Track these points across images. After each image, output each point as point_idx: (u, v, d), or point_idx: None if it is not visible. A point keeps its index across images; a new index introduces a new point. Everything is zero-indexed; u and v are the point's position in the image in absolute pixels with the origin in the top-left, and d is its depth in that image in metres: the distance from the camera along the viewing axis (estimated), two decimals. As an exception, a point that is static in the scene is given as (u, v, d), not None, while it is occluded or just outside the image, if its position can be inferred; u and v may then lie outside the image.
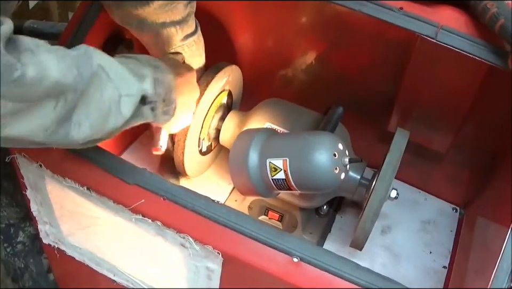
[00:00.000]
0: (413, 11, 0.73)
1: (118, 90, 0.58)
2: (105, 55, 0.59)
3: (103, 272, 0.88)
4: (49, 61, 0.49)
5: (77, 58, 0.54)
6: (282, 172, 0.75)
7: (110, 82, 0.57)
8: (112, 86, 0.57)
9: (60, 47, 0.53)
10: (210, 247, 0.69)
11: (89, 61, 0.55)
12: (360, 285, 0.66)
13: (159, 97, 0.66)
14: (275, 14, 0.99)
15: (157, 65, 0.67)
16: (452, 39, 0.72)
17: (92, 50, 0.57)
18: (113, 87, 0.57)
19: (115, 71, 0.58)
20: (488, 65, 0.71)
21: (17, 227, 1.13)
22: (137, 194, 0.71)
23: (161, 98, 0.66)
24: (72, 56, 0.53)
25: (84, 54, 0.55)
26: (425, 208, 1.06)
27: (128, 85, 0.60)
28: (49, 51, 0.50)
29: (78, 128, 0.55)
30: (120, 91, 0.58)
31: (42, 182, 0.79)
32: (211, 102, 0.89)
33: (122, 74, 0.59)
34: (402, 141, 0.81)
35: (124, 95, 0.59)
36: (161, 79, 0.66)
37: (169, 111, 0.69)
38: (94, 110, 0.56)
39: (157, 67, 0.66)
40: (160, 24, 0.76)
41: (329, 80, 1.03)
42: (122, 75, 0.59)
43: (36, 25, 1.19)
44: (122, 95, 0.59)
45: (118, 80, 0.58)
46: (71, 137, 0.55)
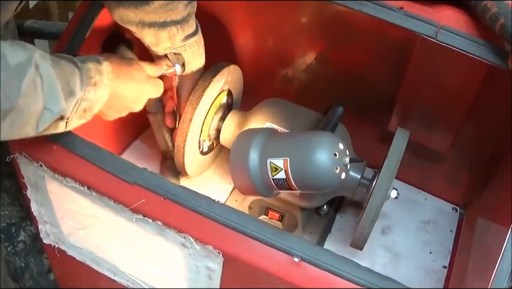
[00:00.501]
0: (413, 11, 0.73)
1: (43, 102, 0.59)
2: (49, 62, 0.59)
3: (103, 272, 0.88)
4: None
5: (10, 73, 0.54)
6: (282, 172, 0.75)
7: (41, 93, 0.58)
8: (41, 97, 0.58)
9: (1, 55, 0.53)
10: (211, 246, 0.69)
11: (23, 75, 0.55)
12: (361, 284, 0.66)
13: (78, 112, 0.66)
14: (275, 14, 0.99)
15: (97, 81, 0.66)
16: (452, 38, 0.72)
17: (37, 58, 0.57)
18: (41, 98, 0.58)
19: (50, 83, 0.59)
20: (488, 65, 0.71)
21: (18, 226, 1.13)
22: (138, 194, 0.71)
23: (80, 112, 0.66)
24: (6, 71, 0.53)
25: (22, 66, 0.55)
26: (425, 208, 1.06)
27: (55, 101, 0.60)
28: None
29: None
30: (45, 104, 0.59)
31: (43, 182, 0.79)
32: (209, 105, 0.89)
33: (55, 88, 0.60)
34: (402, 140, 0.81)
35: (47, 108, 0.59)
36: (89, 98, 0.66)
37: (86, 117, 0.68)
38: (17, 123, 0.57)
39: (95, 84, 0.66)
40: (161, 23, 0.76)
41: (329, 80, 1.03)
42: (55, 90, 0.60)
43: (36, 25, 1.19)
44: (46, 108, 0.59)
45: (48, 93, 0.59)
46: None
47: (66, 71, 0.62)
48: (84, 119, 0.68)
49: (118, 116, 0.76)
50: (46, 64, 0.59)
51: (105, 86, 0.68)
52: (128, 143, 1.08)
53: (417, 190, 1.09)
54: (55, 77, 0.60)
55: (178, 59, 0.82)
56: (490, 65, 0.71)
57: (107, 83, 0.68)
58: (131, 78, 0.73)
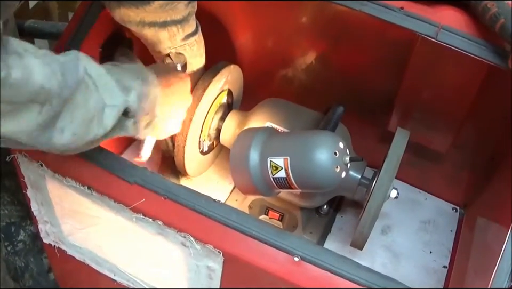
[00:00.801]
0: (413, 11, 0.73)
1: (102, 100, 0.58)
2: (94, 62, 0.59)
3: (103, 271, 0.88)
4: (35, 66, 0.50)
5: (64, 64, 0.54)
6: (283, 171, 0.75)
7: (96, 91, 0.58)
8: (97, 95, 0.58)
9: (48, 52, 0.53)
10: (211, 246, 0.69)
11: (76, 68, 0.55)
12: (361, 284, 0.66)
13: (143, 111, 0.66)
14: (275, 13, 0.99)
15: (145, 77, 0.67)
16: (452, 39, 0.72)
17: (81, 57, 0.57)
18: (98, 96, 0.58)
19: (101, 80, 0.59)
20: (488, 65, 0.71)
21: (18, 226, 1.13)
22: (138, 193, 0.71)
23: (145, 112, 0.67)
24: (59, 62, 0.54)
25: (72, 61, 0.56)
26: (425, 208, 1.06)
27: (113, 96, 0.60)
28: (35, 56, 0.51)
29: (61, 133, 0.55)
30: (104, 101, 0.59)
31: (43, 182, 0.79)
32: (209, 105, 0.89)
33: (108, 84, 0.60)
34: (402, 140, 0.81)
35: (108, 105, 0.59)
36: (146, 93, 0.66)
37: (151, 124, 0.69)
38: (78, 117, 0.56)
39: (145, 80, 0.66)
40: (161, 23, 0.76)
41: (329, 80, 1.03)
42: (108, 85, 0.60)
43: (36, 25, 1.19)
44: (106, 105, 0.59)
45: (103, 90, 0.58)
46: (52, 143, 0.55)
47: (113, 70, 0.62)
48: (150, 128, 0.69)
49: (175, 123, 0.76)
50: (93, 63, 0.59)
51: (154, 84, 0.68)
52: (129, 142, 1.08)
53: (417, 190, 1.09)
54: (105, 74, 0.59)
55: (180, 59, 0.82)
56: (491, 65, 0.71)
57: (155, 82, 0.68)
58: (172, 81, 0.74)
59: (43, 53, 0.52)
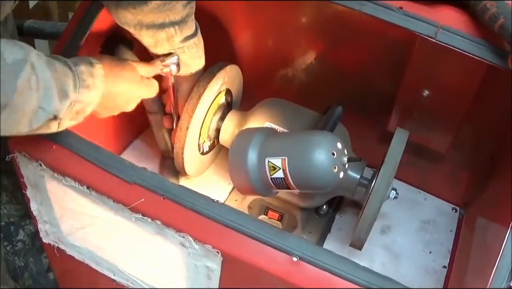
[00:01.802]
0: (412, 11, 0.73)
1: (38, 101, 0.59)
2: (44, 62, 0.60)
3: (103, 271, 0.88)
4: None
5: (9, 67, 0.54)
6: (281, 171, 0.75)
7: (36, 92, 0.58)
8: (36, 96, 0.58)
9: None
10: (209, 246, 0.69)
11: (19, 72, 0.56)
12: (360, 284, 0.66)
13: (70, 113, 0.66)
14: (275, 13, 0.99)
15: (89, 84, 0.67)
16: (452, 38, 0.72)
17: (33, 57, 0.57)
18: (36, 97, 0.59)
19: (46, 82, 0.59)
20: (487, 65, 0.71)
21: (18, 225, 1.13)
22: (137, 193, 0.71)
23: (73, 113, 0.67)
24: (5, 64, 0.54)
25: (19, 63, 0.56)
26: (425, 208, 1.06)
27: (49, 101, 0.61)
28: None
29: None
30: (39, 103, 0.59)
31: (42, 181, 0.79)
32: (206, 110, 0.89)
33: (50, 88, 0.60)
34: (402, 140, 0.81)
35: (41, 107, 0.60)
36: (82, 100, 0.66)
37: (78, 119, 0.69)
38: (11, 119, 0.57)
39: (88, 87, 0.66)
40: (159, 25, 0.76)
41: (329, 80, 1.03)
42: (50, 89, 0.60)
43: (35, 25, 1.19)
44: (40, 107, 0.60)
45: (43, 92, 0.59)
46: None
47: (60, 72, 0.63)
48: (75, 121, 0.69)
49: (109, 115, 0.76)
50: (42, 64, 0.59)
51: (98, 89, 0.69)
52: (128, 142, 1.08)
53: (417, 190, 1.09)
54: (50, 77, 0.60)
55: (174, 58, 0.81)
56: (490, 65, 0.71)
57: (100, 86, 0.69)
58: (123, 79, 0.74)
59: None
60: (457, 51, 0.71)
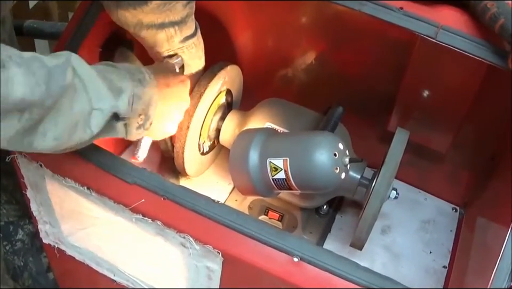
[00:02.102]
0: (413, 11, 0.73)
1: (90, 103, 0.58)
2: (86, 64, 0.58)
3: (103, 271, 0.88)
4: (17, 77, 0.49)
5: (51, 70, 0.53)
6: (282, 172, 0.75)
7: (85, 94, 0.57)
8: (85, 98, 0.57)
9: (36, 57, 0.52)
10: (210, 246, 0.69)
11: (64, 73, 0.54)
12: (360, 284, 0.66)
13: (135, 113, 0.65)
14: (275, 13, 0.99)
15: (141, 78, 0.66)
16: (452, 39, 0.72)
17: (72, 59, 0.56)
18: (86, 99, 0.57)
19: (92, 83, 0.58)
20: (488, 65, 0.71)
21: (17, 225, 1.13)
22: (137, 194, 0.71)
23: (137, 114, 0.66)
24: (47, 68, 0.53)
25: (60, 66, 0.54)
26: (425, 208, 1.06)
27: (102, 99, 0.59)
28: (19, 65, 0.49)
29: (43, 138, 0.55)
30: (92, 105, 0.58)
31: (43, 182, 0.79)
32: (206, 111, 0.89)
33: (98, 87, 0.59)
34: (402, 140, 0.81)
35: (95, 108, 0.58)
36: (140, 94, 0.65)
37: (144, 125, 0.68)
38: (61, 122, 0.55)
39: (140, 81, 0.65)
40: (159, 25, 0.76)
41: (329, 80, 1.03)
42: (99, 88, 0.59)
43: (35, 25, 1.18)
44: (94, 109, 0.58)
45: (92, 93, 0.58)
46: (34, 147, 0.55)
47: (105, 71, 0.61)
48: (143, 129, 0.67)
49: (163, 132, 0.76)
50: (84, 65, 0.58)
51: (151, 85, 0.67)
52: (128, 143, 1.08)
53: (417, 190, 1.09)
54: (96, 76, 0.59)
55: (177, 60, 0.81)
56: (490, 65, 0.71)
57: (152, 82, 0.67)
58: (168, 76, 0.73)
59: (29, 58, 0.51)
60: (457, 51, 0.71)
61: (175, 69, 0.80)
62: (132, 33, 0.79)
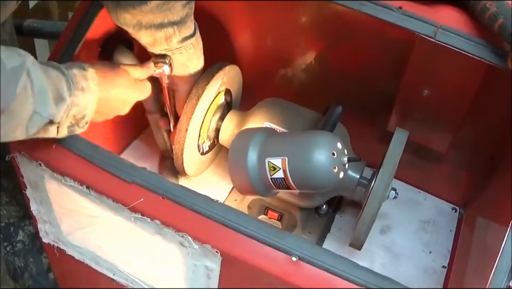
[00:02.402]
0: (412, 11, 0.73)
1: (33, 106, 0.59)
2: (39, 69, 0.60)
3: (102, 271, 0.88)
4: None
5: (8, 73, 0.55)
6: (281, 171, 0.75)
7: (32, 97, 0.59)
8: (31, 101, 0.59)
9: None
10: (209, 246, 0.69)
11: (18, 78, 0.56)
12: (359, 284, 0.66)
13: (68, 117, 0.66)
14: (275, 13, 0.99)
15: (84, 86, 0.67)
16: (451, 38, 0.72)
17: (29, 63, 0.58)
18: (32, 102, 0.59)
19: (40, 89, 0.60)
20: (487, 65, 0.71)
21: (17, 226, 1.13)
22: (137, 193, 0.71)
23: (71, 117, 0.67)
24: (5, 70, 0.55)
25: (17, 69, 0.56)
26: (425, 208, 1.06)
27: (45, 106, 0.61)
28: None
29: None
30: (35, 108, 0.60)
31: (42, 181, 0.79)
32: (205, 112, 0.89)
33: (44, 93, 0.61)
34: (401, 140, 0.81)
35: (37, 112, 0.60)
36: (78, 102, 0.67)
37: (79, 124, 0.69)
38: (8, 124, 0.58)
39: (83, 89, 0.67)
40: (158, 25, 0.76)
41: (328, 80, 1.03)
42: (44, 94, 0.61)
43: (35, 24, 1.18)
44: (36, 112, 0.60)
45: (38, 98, 0.60)
46: None
47: (54, 77, 0.63)
48: (78, 127, 0.69)
49: (104, 119, 0.77)
50: (37, 70, 0.60)
51: (93, 91, 0.69)
52: (128, 142, 1.08)
53: (416, 189, 1.09)
54: (44, 82, 0.61)
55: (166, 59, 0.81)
56: (490, 65, 0.71)
57: (94, 89, 0.69)
58: (116, 84, 0.74)
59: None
60: (457, 51, 0.71)
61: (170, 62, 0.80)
62: (131, 33, 0.79)
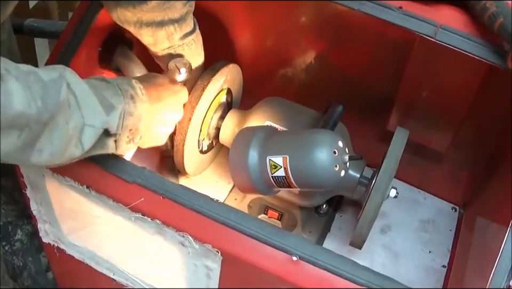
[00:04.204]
0: (412, 11, 0.73)
1: (83, 119, 0.58)
2: (79, 79, 0.59)
3: (102, 271, 0.88)
4: (15, 91, 0.49)
5: (47, 85, 0.54)
6: (282, 169, 0.75)
7: (78, 110, 0.57)
8: (79, 114, 0.58)
9: (32, 71, 0.53)
10: (209, 245, 0.69)
11: (59, 88, 0.55)
12: (360, 283, 0.66)
13: (125, 128, 0.66)
14: (275, 13, 0.99)
15: (133, 94, 0.66)
16: (451, 38, 0.72)
17: (66, 74, 0.57)
18: (79, 115, 0.58)
19: (85, 99, 0.58)
20: (487, 64, 0.71)
21: (15, 225, 1.13)
22: (137, 192, 0.71)
23: (128, 129, 0.66)
24: (42, 82, 0.53)
25: (55, 80, 0.55)
26: (425, 208, 1.06)
27: (95, 116, 0.60)
28: (17, 78, 0.50)
29: (39, 154, 0.55)
30: (84, 121, 0.58)
31: (42, 181, 0.79)
32: (209, 104, 0.89)
33: (91, 103, 0.59)
34: (401, 139, 0.81)
35: (87, 124, 0.59)
36: (131, 111, 0.66)
37: (134, 140, 0.69)
38: (56, 138, 0.56)
39: (132, 97, 0.66)
40: (158, 22, 0.76)
41: (329, 79, 1.03)
42: (92, 104, 0.59)
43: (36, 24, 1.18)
44: (86, 125, 0.59)
45: (85, 109, 0.58)
46: (30, 162, 0.56)
47: (98, 85, 0.62)
48: (133, 143, 0.68)
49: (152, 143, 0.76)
50: (78, 80, 0.58)
51: (142, 100, 0.68)
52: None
53: (416, 189, 1.09)
54: (89, 92, 0.59)
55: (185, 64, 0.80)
56: (490, 64, 0.71)
57: (143, 98, 0.68)
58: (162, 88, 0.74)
59: (25, 72, 0.52)
60: (457, 51, 0.71)
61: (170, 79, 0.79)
62: (132, 32, 0.79)
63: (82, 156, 0.62)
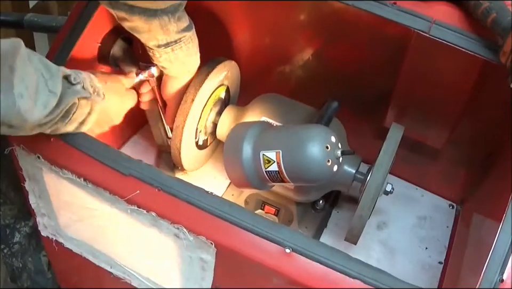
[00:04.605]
0: (406, 6, 0.74)
1: (40, 72, 0.63)
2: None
3: (100, 264, 0.89)
4: None
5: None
6: (275, 164, 0.76)
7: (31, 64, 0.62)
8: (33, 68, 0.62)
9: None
10: (203, 237, 0.70)
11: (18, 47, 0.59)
12: (352, 276, 0.66)
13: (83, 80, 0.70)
14: (272, 10, 1.00)
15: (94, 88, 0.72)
16: (445, 33, 0.72)
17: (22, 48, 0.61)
18: (34, 69, 0.62)
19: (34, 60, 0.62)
20: (483, 60, 0.71)
21: (13, 228, 1.13)
22: (133, 185, 0.72)
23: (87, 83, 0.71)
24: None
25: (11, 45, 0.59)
26: (422, 204, 1.06)
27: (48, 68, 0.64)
28: None
29: (21, 99, 0.59)
30: (43, 74, 0.63)
31: (40, 174, 0.80)
32: (211, 92, 0.89)
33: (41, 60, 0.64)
34: (397, 135, 0.82)
35: (47, 78, 0.63)
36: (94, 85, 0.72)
37: (99, 92, 0.73)
38: (28, 84, 0.60)
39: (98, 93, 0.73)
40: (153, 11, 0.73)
41: (325, 76, 1.04)
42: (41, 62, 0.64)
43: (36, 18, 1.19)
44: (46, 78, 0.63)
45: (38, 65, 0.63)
46: (22, 111, 0.59)
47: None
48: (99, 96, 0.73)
49: (100, 132, 0.80)
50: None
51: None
52: (128, 137, 1.09)
53: (413, 186, 1.09)
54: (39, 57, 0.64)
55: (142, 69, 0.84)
56: (485, 61, 0.71)
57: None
58: (115, 91, 0.78)
59: None
60: (452, 46, 0.72)
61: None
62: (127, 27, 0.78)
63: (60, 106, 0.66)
